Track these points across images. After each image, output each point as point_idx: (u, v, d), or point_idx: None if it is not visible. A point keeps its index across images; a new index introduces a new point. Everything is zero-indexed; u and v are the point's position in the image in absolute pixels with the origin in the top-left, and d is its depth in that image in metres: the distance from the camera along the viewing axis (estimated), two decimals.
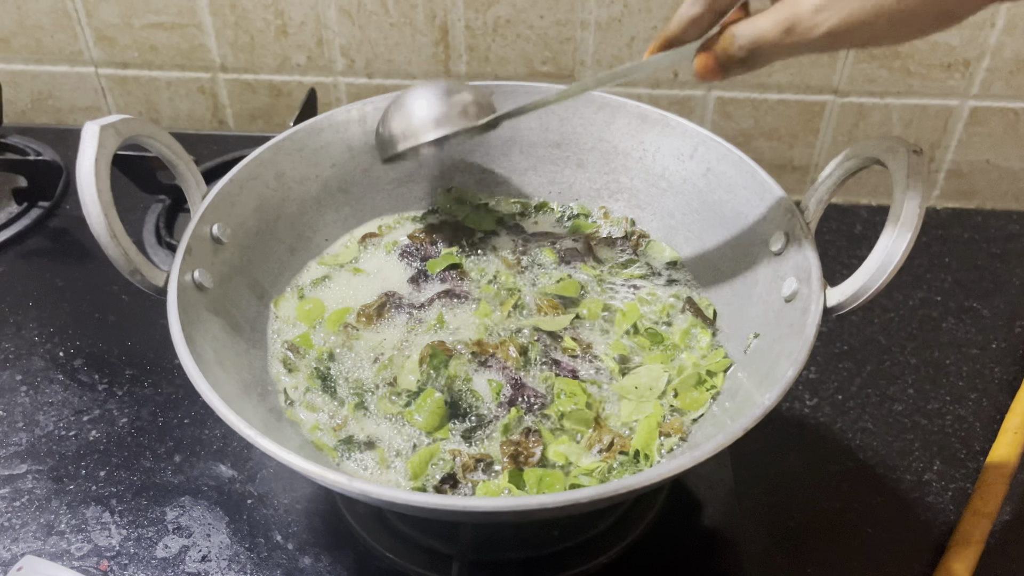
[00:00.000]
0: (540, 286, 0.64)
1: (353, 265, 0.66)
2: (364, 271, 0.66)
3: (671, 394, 0.56)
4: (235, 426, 0.44)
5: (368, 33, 0.92)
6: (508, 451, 0.52)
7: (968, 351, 0.77)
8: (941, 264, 0.86)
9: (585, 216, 0.70)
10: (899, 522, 0.63)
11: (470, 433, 0.54)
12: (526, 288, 0.64)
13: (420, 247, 0.68)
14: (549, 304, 0.62)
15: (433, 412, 0.54)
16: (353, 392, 0.57)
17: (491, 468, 0.52)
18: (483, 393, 0.56)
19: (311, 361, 0.59)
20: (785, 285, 0.53)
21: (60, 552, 0.59)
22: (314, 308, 0.62)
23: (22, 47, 0.98)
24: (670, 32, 0.47)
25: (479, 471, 0.52)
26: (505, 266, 0.66)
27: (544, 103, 0.55)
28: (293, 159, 0.64)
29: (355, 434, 0.54)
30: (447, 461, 0.52)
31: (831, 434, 0.69)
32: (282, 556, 0.59)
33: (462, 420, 0.55)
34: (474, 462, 0.52)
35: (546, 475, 0.51)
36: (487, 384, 0.57)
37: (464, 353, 0.58)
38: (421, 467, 0.52)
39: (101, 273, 0.81)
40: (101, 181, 0.49)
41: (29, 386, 0.71)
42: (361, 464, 0.52)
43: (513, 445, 0.53)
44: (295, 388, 0.57)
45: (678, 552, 0.59)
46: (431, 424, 0.54)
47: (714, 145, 0.62)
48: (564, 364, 0.58)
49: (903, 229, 0.45)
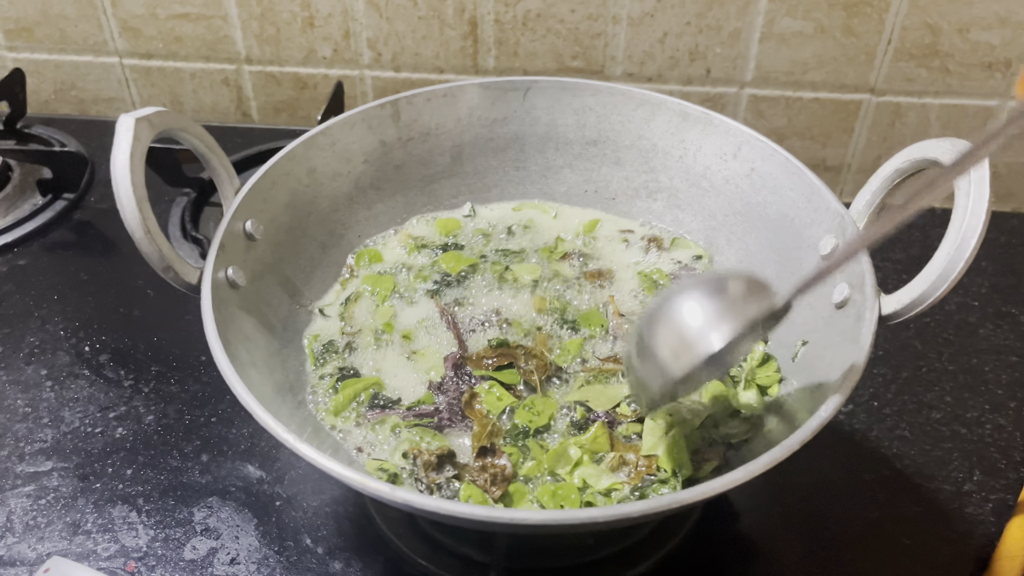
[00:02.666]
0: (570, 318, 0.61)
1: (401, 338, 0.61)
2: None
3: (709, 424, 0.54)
4: (273, 430, 0.42)
5: (396, 26, 0.91)
6: (484, 478, 0.51)
7: (1007, 358, 0.75)
8: (978, 268, 0.84)
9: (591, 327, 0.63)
10: (938, 534, 0.62)
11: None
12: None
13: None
14: (597, 371, 0.57)
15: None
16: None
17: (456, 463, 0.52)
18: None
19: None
20: (836, 291, 0.51)
21: (87, 552, 0.58)
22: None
23: (46, 36, 0.97)
24: None
25: (446, 469, 0.51)
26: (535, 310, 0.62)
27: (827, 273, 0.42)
28: (326, 154, 0.63)
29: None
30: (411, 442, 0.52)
31: (867, 442, 0.68)
32: (312, 560, 0.58)
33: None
34: (436, 459, 0.51)
35: (559, 488, 0.50)
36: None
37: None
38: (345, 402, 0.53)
39: (126, 267, 0.81)
40: (136, 175, 0.48)
41: (54, 381, 0.70)
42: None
43: (481, 472, 0.51)
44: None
45: (715, 562, 0.58)
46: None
47: (759, 145, 0.60)
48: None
49: (968, 235, 0.44)
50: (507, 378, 0.57)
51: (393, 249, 0.67)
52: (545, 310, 0.62)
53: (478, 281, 0.64)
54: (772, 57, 0.87)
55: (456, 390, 0.57)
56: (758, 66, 0.88)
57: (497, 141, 0.69)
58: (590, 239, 0.68)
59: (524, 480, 0.51)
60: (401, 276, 0.65)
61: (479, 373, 0.57)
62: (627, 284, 0.65)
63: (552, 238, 0.69)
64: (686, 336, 0.42)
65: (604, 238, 0.69)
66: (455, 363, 0.58)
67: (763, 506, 0.61)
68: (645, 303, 0.62)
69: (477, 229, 0.69)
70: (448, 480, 0.51)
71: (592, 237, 0.69)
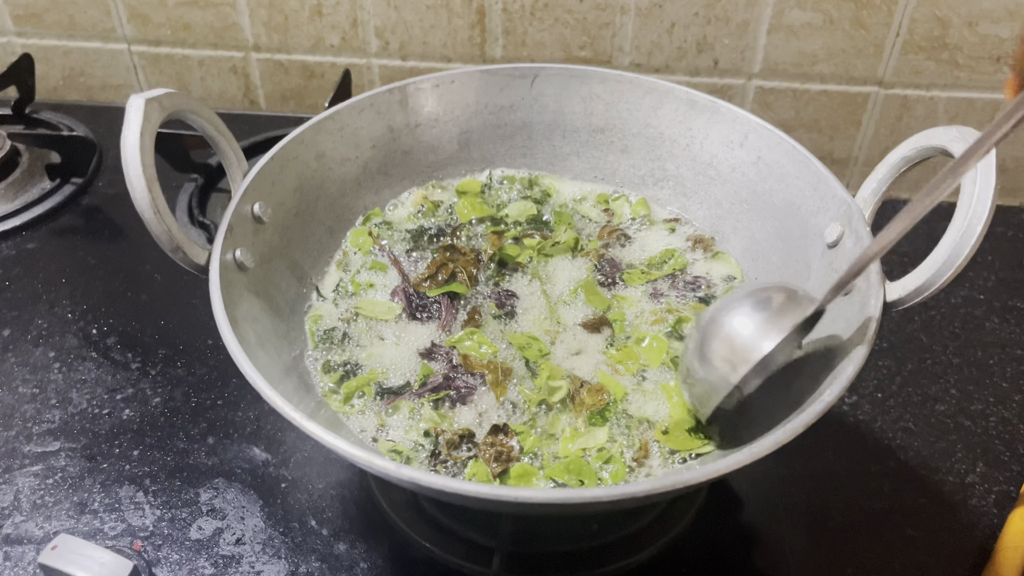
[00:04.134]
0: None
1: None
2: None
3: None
4: (282, 410, 0.43)
5: (404, 14, 0.91)
6: (490, 454, 0.51)
7: (1012, 351, 0.75)
8: (984, 262, 0.84)
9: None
10: (942, 525, 0.62)
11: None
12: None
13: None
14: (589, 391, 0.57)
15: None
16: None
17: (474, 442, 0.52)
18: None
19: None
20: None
21: (93, 531, 0.58)
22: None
23: (55, 23, 0.98)
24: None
25: (463, 448, 0.52)
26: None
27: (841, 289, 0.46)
28: (334, 139, 0.63)
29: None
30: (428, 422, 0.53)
31: (871, 433, 0.68)
32: (317, 542, 0.58)
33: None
34: (458, 439, 0.52)
35: (571, 464, 0.51)
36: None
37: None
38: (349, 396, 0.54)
39: (134, 251, 0.81)
40: (146, 155, 0.48)
41: (62, 363, 0.70)
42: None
43: (490, 447, 0.52)
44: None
45: (718, 550, 0.58)
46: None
47: (765, 133, 0.60)
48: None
49: (973, 222, 0.44)
50: (458, 288, 0.61)
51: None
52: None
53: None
54: (780, 49, 0.87)
55: (445, 355, 0.58)
56: (766, 57, 0.88)
57: (505, 128, 0.69)
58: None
59: (531, 457, 0.52)
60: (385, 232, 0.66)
61: (433, 294, 0.61)
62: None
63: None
64: (739, 346, 0.47)
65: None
66: (406, 294, 0.61)
67: (767, 495, 0.61)
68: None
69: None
70: (466, 460, 0.51)
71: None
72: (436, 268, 0.62)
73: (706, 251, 0.65)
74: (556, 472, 0.50)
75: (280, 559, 0.57)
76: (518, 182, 0.70)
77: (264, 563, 0.57)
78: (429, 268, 0.62)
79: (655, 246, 0.66)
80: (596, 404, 0.54)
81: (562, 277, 0.63)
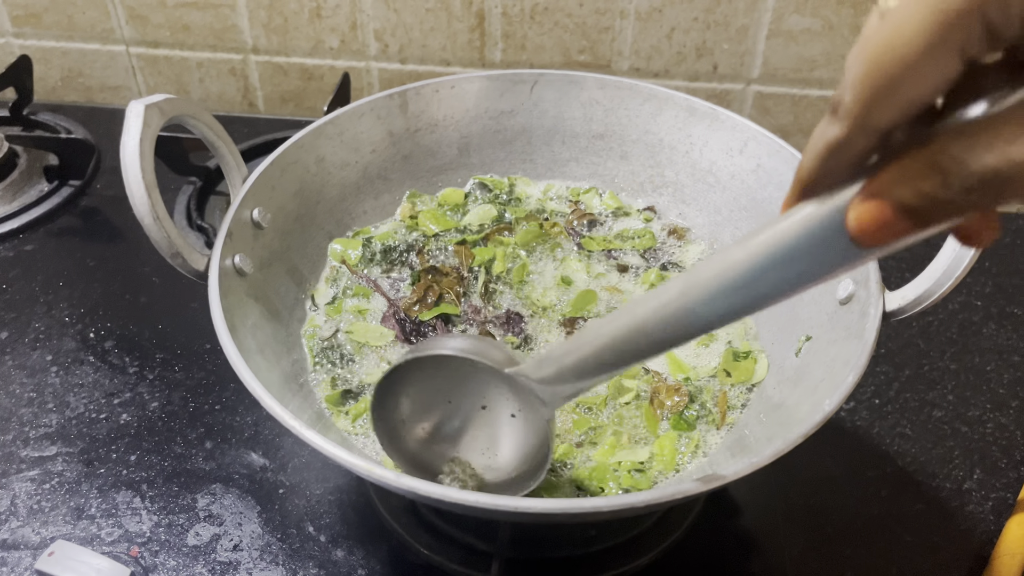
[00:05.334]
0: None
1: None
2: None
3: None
4: (281, 418, 0.43)
5: (403, 17, 0.91)
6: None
7: (1010, 358, 0.75)
8: (981, 268, 0.84)
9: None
10: (939, 531, 0.62)
11: None
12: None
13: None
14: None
15: None
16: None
17: None
18: None
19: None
20: (840, 287, 0.52)
21: (90, 537, 0.58)
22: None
23: (53, 23, 0.97)
24: (804, 172, 0.28)
25: None
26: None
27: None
28: (334, 143, 0.63)
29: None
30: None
31: (869, 439, 0.68)
32: (314, 548, 0.58)
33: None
34: None
35: (596, 470, 0.51)
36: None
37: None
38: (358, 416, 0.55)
39: (132, 254, 0.81)
40: (146, 161, 0.48)
41: (59, 367, 0.70)
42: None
43: None
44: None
45: (717, 555, 0.58)
46: None
47: (765, 140, 0.60)
48: None
49: None
50: (448, 309, 0.61)
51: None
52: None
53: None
54: (779, 54, 0.87)
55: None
56: (765, 63, 0.88)
57: (504, 133, 0.69)
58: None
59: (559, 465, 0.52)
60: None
61: (425, 317, 0.60)
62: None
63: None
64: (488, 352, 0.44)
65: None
66: (397, 320, 0.60)
67: (765, 501, 0.61)
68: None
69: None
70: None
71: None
72: (424, 291, 0.62)
73: (680, 239, 0.66)
74: (581, 474, 0.50)
75: (278, 565, 0.57)
76: (493, 186, 0.70)
77: (262, 569, 0.57)
78: (416, 292, 0.62)
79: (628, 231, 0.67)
80: (675, 406, 0.54)
81: (547, 270, 0.64)
